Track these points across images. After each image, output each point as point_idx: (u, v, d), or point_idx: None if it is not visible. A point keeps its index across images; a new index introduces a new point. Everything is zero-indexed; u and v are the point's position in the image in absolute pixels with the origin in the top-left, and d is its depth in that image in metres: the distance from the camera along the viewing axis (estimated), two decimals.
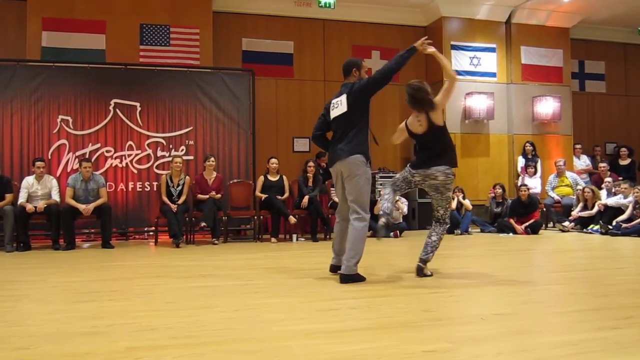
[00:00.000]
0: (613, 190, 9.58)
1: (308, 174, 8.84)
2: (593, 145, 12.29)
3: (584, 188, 9.81)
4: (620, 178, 10.21)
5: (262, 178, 8.81)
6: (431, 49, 4.51)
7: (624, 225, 8.60)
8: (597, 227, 9.07)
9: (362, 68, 4.61)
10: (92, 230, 8.59)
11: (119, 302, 3.65)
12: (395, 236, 8.92)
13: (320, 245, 7.90)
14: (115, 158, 8.82)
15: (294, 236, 8.65)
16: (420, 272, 4.54)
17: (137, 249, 7.55)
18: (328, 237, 8.74)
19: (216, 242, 8.09)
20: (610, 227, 8.75)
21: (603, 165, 10.54)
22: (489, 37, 11.24)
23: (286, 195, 8.79)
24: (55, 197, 7.67)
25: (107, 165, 8.76)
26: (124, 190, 8.82)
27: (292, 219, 8.38)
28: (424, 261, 4.55)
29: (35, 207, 7.38)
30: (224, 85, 9.31)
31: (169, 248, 7.51)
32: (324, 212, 8.74)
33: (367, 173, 4.44)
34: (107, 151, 8.79)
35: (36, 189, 7.61)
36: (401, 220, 9.23)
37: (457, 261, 5.67)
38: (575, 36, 11.91)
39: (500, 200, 9.92)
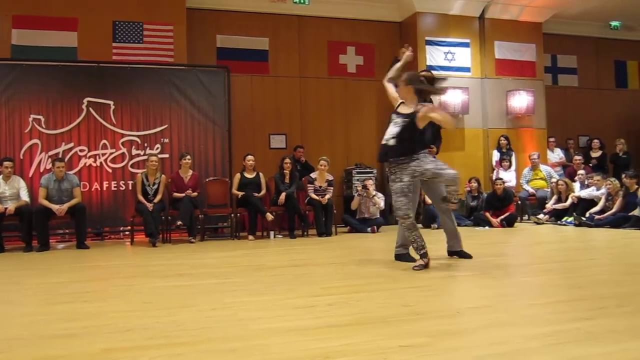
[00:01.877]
0: (586, 183, 9.72)
1: (285, 171, 8.81)
2: (566, 138, 12.45)
3: (557, 181, 9.93)
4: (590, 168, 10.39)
5: (238, 175, 8.76)
6: (402, 60, 5.04)
7: (597, 216, 8.74)
8: (571, 219, 9.20)
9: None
10: (67, 231, 8.47)
11: (94, 303, 3.61)
12: (373, 231, 8.96)
13: (297, 241, 7.90)
14: (89, 157, 8.70)
15: (272, 233, 8.62)
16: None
17: (113, 249, 7.46)
18: (305, 233, 8.74)
19: (193, 240, 8.03)
20: (584, 218, 8.88)
21: (578, 158, 10.67)
22: (463, 32, 11.29)
23: (263, 192, 8.74)
24: (25, 197, 7.50)
25: (80, 165, 8.64)
26: (99, 189, 8.71)
27: (269, 216, 8.37)
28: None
29: (6, 208, 7.22)
30: (199, 82, 9.24)
31: (145, 247, 7.44)
32: (301, 209, 8.73)
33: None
34: (80, 150, 8.67)
35: (4, 190, 7.43)
36: (378, 215, 9.26)
37: (434, 255, 5.70)
38: (547, 31, 12.03)
39: (476, 194, 10.01)
